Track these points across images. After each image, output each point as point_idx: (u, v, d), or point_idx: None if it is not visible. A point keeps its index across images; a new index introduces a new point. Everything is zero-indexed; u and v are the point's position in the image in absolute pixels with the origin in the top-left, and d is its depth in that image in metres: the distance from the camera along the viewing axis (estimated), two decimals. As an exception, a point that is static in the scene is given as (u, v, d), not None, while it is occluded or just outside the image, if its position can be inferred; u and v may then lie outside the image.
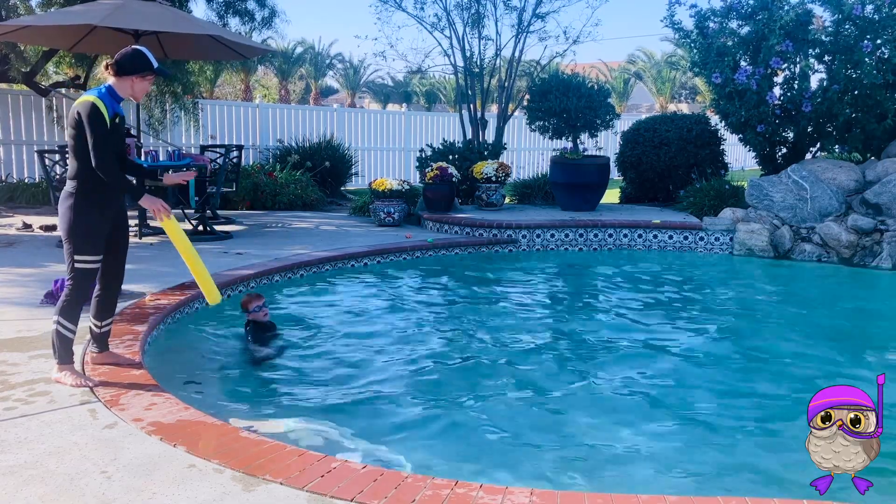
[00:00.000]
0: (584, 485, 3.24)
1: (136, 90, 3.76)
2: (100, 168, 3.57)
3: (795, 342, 5.59)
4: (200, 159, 9.04)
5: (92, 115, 3.55)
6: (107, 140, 3.59)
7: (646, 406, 4.27)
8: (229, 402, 4.07)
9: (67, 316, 3.69)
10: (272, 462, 2.89)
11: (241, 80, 29.42)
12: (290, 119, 14.84)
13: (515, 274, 7.99)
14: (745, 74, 9.37)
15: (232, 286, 6.13)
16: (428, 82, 39.06)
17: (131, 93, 3.76)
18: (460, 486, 2.75)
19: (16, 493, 2.64)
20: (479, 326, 5.87)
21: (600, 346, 5.42)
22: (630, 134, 11.65)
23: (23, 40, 9.57)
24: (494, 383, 4.59)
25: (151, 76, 3.78)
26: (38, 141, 12.05)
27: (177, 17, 8.44)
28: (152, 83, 3.89)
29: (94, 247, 3.69)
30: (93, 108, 3.56)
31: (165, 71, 3.96)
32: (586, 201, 10.18)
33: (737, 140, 10.82)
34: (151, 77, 3.79)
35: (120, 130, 3.74)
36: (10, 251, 7.31)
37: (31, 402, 3.44)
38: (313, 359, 4.93)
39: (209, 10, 11.93)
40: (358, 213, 10.87)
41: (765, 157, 10.49)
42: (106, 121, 3.59)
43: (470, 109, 12.06)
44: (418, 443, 3.66)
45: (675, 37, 11.22)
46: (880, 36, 9.00)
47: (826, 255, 8.53)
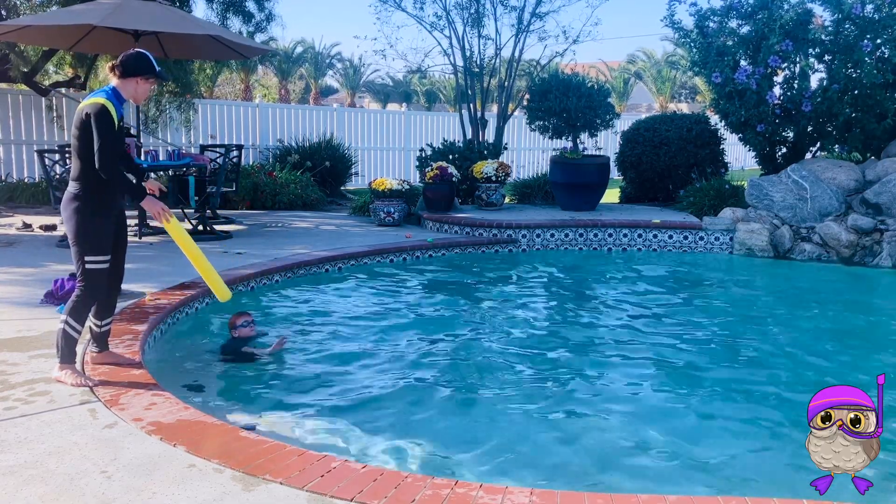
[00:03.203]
0: (585, 485, 3.24)
1: (138, 92, 3.80)
2: (103, 169, 3.58)
3: (795, 342, 5.59)
4: (200, 159, 9.04)
5: (102, 117, 3.57)
6: (114, 142, 3.61)
7: (646, 406, 4.27)
8: (229, 402, 4.07)
9: (76, 317, 3.70)
10: (272, 462, 2.89)
11: (241, 79, 29.42)
12: (290, 119, 14.84)
13: (515, 274, 7.99)
14: (745, 74, 9.37)
15: (232, 286, 6.11)
16: (428, 82, 39.04)
17: (133, 94, 3.79)
18: (460, 486, 2.75)
19: (16, 493, 2.64)
20: (479, 326, 5.87)
21: (600, 346, 5.41)
22: (630, 134, 11.65)
23: (23, 40, 9.56)
24: (494, 383, 4.59)
25: (153, 79, 3.82)
26: (38, 141, 12.05)
27: (177, 17, 8.43)
28: (154, 86, 3.91)
29: (102, 247, 3.70)
30: (103, 109, 3.58)
31: (165, 75, 4.01)
32: (586, 201, 10.18)
33: (737, 140, 10.82)
34: (153, 80, 3.83)
35: (122, 129, 3.77)
36: (10, 251, 7.31)
37: (31, 402, 3.44)
38: (313, 358, 4.93)
39: (209, 10, 11.95)
40: (358, 213, 10.87)
41: (765, 157, 10.49)
42: (115, 123, 3.62)
43: (470, 109, 12.06)
44: (418, 443, 3.66)
45: (675, 36, 11.23)
46: (880, 35, 9.00)
47: (826, 254, 8.53)
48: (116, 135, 3.65)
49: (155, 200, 3.76)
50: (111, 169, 3.60)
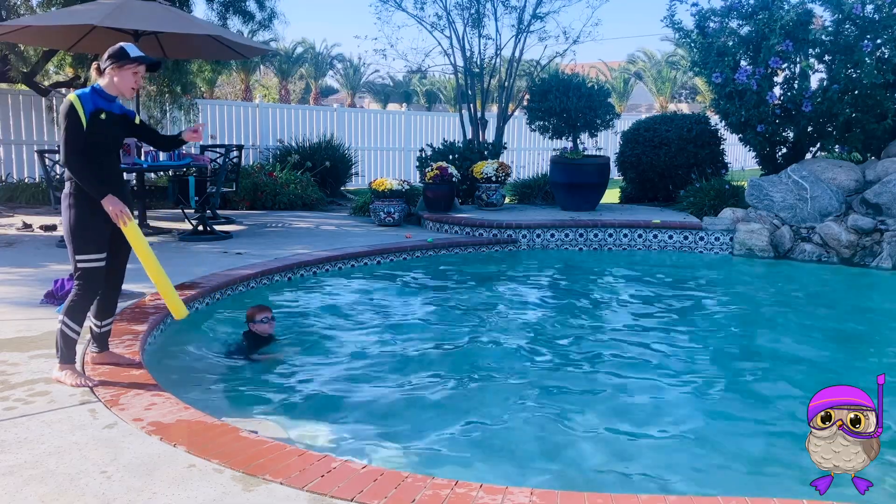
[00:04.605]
0: (584, 485, 3.24)
1: (120, 85, 3.70)
2: (65, 164, 3.60)
3: (795, 342, 5.59)
4: (200, 159, 9.04)
5: (66, 114, 3.58)
6: (77, 138, 3.58)
7: (646, 406, 4.27)
8: (229, 402, 4.08)
9: (73, 317, 3.69)
10: (272, 462, 2.89)
11: (241, 79, 29.43)
12: (290, 119, 14.84)
13: (515, 274, 7.99)
14: (745, 74, 9.37)
15: (232, 286, 6.13)
16: (428, 82, 39.09)
17: (118, 88, 3.71)
18: (460, 486, 2.75)
19: (16, 493, 2.63)
20: (479, 326, 5.87)
21: (600, 347, 5.41)
22: (630, 134, 11.65)
23: (23, 40, 9.56)
24: (494, 383, 4.59)
25: (132, 65, 3.69)
26: (38, 141, 12.06)
27: (177, 17, 8.43)
28: (139, 75, 3.77)
29: (95, 245, 3.68)
30: (69, 106, 3.58)
31: (149, 59, 3.78)
32: (586, 201, 10.18)
33: (737, 140, 10.82)
34: (132, 66, 3.70)
35: (110, 127, 3.70)
36: (10, 251, 7.31)
37: (31, 402, 3.44)
38: (313, 358, 4.93)
39: (209, 10, 11.94)
40: (358, 213, 10.87)
41: (765, 157, 10.49)
42: (80, 118, 3.57)
43: (470, 109, 12.06)
44: (418, 442, 3.66)
45: (675, 36, 11.21)
46: (880, 36, 9.00)
47: (826, 255, 8.53)
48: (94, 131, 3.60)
49: (116, 200, 3.63)
50: (72, 164, 3.58)
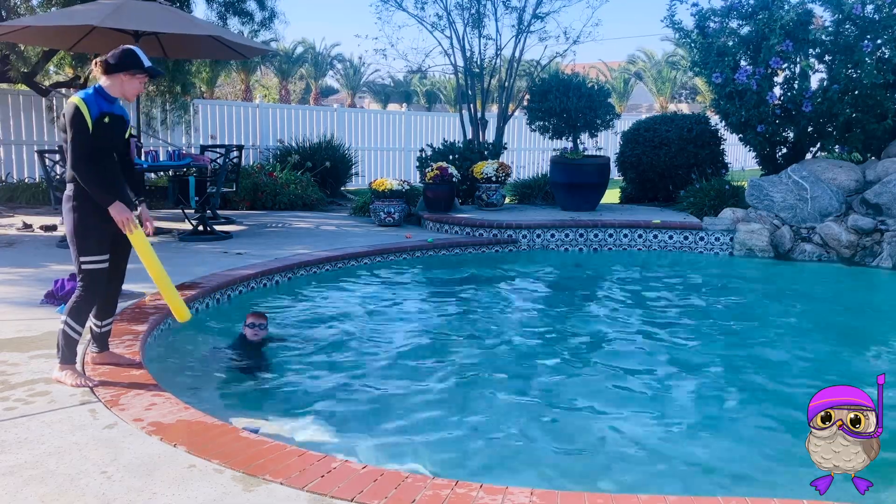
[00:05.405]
0: (584, 485, 3.24)
1: (126, 89, 3.71)
2: (73, 168, 3.55)
3: (796, 342, 5.59)
4: (201, 159, 9.04)
5: (72, 117, 3.54)
6: (84, 142, 3.55)
7: (646, 406, 4.27)
8: (229, 402, 4.08)
9: (76, 317, 3.68)
10: (272, 462, 2.89)
11: (241, 80, 29.44)
12: (290, 119, 14.84)
13: (515, 274, 7.99)
14: (745, 74, 9.37)
15: (232, 286, 6.13)
16: (428, 82, 39.09)
17: (122, 92, 3.71)
18: (460, 486, 2.75)
19: (16, 493, 2.64)
20: (479, 326, 5.87)
21: (600, 347, 5.42)
22: (630, 134, 11.65)
23: (23, 40, 9.56)
24: (494, 383, 4.59)
25: (142, 75, 3.72)
26: (38, 141, 12.06)
27: (177, 18, 8.44)
28: (144, 83, 3.81)
29: (98, 247, 3.67)
30: (75, 109, 3.54)
31: (157, 70, 3.84)
32: (586, 201, 10.18)
33: (737, 140, 10.83)
34: (142, 76, 3.73)
35: (112, 129, 3.68)
36: (10, 251, 7.31)
37: (31, 402, 3.44)
38: (313, 359, 4.93)
39: (209, 10, 11.94)
40: (358, 213, 10.87)
41: (765, 157, 10.49)
42: (87, 122, 3.55)
43: (470, 109, 12.06)
44: (418, 443, 3.66)
45: (675, 36, 11.22)
46: (880, 36, 9.00)
47: (826, 255, 8.53)
48: (98, 134, 3.58)
49: (122, 208, 3.62)
50: (79, 168, 3.55)
